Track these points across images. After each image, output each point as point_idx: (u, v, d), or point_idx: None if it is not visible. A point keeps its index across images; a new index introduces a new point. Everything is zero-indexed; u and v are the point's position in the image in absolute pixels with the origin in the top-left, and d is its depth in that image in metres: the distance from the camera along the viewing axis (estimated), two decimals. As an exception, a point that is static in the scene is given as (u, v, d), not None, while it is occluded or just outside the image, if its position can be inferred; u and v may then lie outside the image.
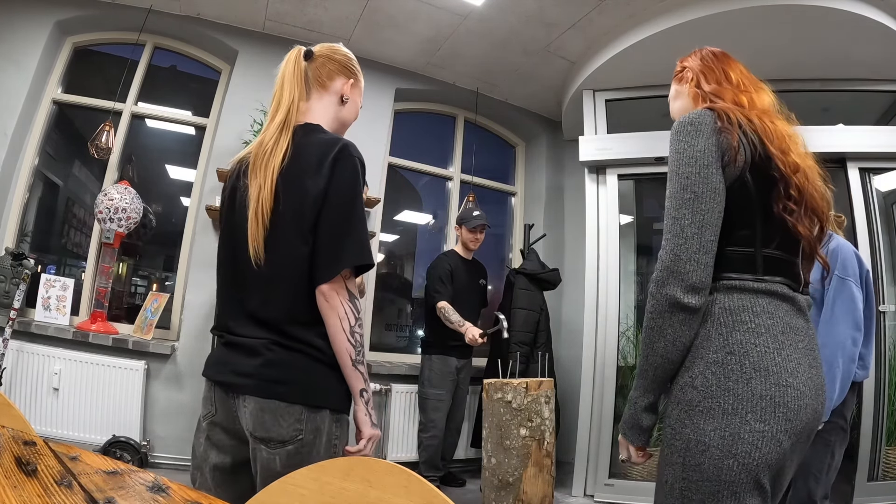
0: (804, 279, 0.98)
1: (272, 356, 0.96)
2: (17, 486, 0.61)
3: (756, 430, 0.84)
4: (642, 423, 0.96)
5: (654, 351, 0.92)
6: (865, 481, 2.71)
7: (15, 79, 3.03)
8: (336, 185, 0.99)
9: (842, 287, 1.83)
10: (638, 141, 3.32)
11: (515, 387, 2.43)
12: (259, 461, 0.97)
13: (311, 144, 1.02)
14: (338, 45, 1.19)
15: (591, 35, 3.30)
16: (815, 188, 0.95)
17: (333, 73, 1.14)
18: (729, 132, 0.91)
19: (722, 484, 0.84)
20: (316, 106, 1.12)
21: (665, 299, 0.90)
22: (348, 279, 1.00)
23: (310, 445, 0.96)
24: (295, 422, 0.95)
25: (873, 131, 3.07)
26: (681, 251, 0.89)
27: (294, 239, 0.98)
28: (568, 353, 3.79)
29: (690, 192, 0.90)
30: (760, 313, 0.89)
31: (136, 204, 2.98)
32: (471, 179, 4.20)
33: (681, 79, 1.14)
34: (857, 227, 2.93)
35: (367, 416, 1.02)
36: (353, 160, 1.02)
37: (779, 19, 2.74)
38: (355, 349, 0.99)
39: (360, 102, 1.20)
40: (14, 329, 2.63)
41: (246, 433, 0.98)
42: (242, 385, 0.97)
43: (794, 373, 0.87)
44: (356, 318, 0.99)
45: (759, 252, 0.92)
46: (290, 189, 0.99)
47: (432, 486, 0.50)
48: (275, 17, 3.36)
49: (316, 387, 0.98)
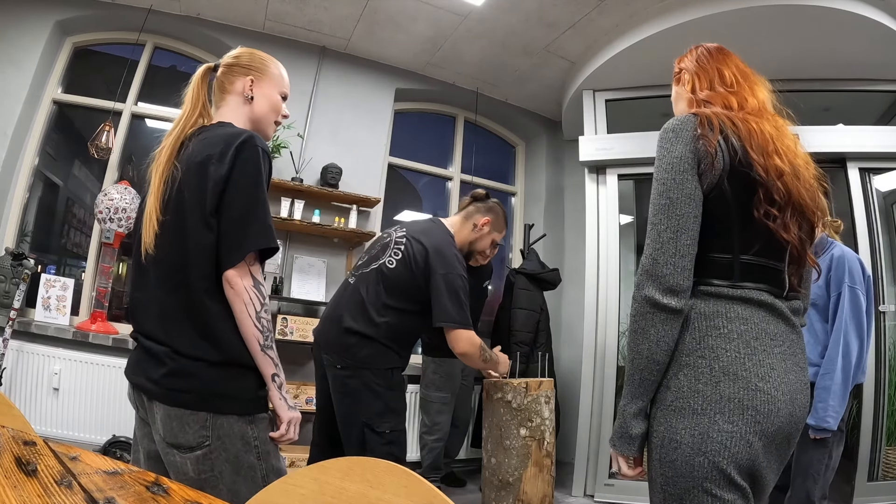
0: (790, 284, 0.97)
1: (175, 366, 0.98)
2: (17, 486, 0.61)
3: (724, 430, 0.86)
4: (632, 431, 0.95)
5: (640, 353, 0.93)
6: (865, 481, 2.71)
7: (15, 79, 3.03)
8: (238, 172, 1.00)
9: (853, 297, 1.84)
10: (638, 141, 3.32)
11: (515, 387, 2.43)
12: (171, 466, 1.00)
13: (216, 136, 1.04)
14: (242, 49, 1.21)
15: (591, 35, 3.30)
16: (806, 189, 0.95)
17: (233, 76, 1.16)
18: (707, 139, 0.91)
19: (694, 480, 0.87)
20: (223, 110, 1.16)
21: (645, 301, 0.92)
22: (252, 265, 1.01)
23: (219, 450, 0.98)
24: (200, 428, 0.97)
25: (873, 131, 3.07)
26: (658, 255, 0.91)
27: (195, 232, 0.99)
28: (568, 353, 3.80)
29: (666, 197, 0.92)
30: (734, 319, 0.91)
31: (137, 204, 2.98)
32: (471, 179, 4.20)
33: (678, 81, 1.14)
34: (857, 228, 2.93)
35: (281, 400, 1.05)
36: (256, 150, 1.02)
37: (779, 19, 2.74)
38: (263, 334, 1.01)
39: (274, 94, 1.18)
40: (14, 329, 2.64)
41: (158, 436, 1.00)
42: (153, 391, 1.00)
43: (766, 377, 0.88)
44: (261, 303, 1.01)
45: (737, 259, 0.93)
46: (189, 178, 1.01)
47: (432, 486, 0.50)
48: (275, 17, 3.36)
49: (220, 393, 1.00)
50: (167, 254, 1.02)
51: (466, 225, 1.93)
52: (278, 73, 1.21)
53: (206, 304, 0.99)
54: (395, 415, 1.71)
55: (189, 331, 0.99)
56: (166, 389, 0.98)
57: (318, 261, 3.43)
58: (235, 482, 0.99)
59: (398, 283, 1.74)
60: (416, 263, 1.74)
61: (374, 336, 1.69)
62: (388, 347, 1.71)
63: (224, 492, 0.98)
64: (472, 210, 1.96)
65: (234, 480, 0.99)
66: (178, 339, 0.99)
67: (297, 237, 3.42)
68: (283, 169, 3.36)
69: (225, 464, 0.99)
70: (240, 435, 1.00)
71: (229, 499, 0.97)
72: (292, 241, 3.42)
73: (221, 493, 0.98)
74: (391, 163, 4.01)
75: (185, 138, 1.09)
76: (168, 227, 1.02)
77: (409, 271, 1.74)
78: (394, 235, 1.87)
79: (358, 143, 3.66)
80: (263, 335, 1.01)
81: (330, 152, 3.53)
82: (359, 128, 3.68)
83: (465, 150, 4.33)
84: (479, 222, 1.92)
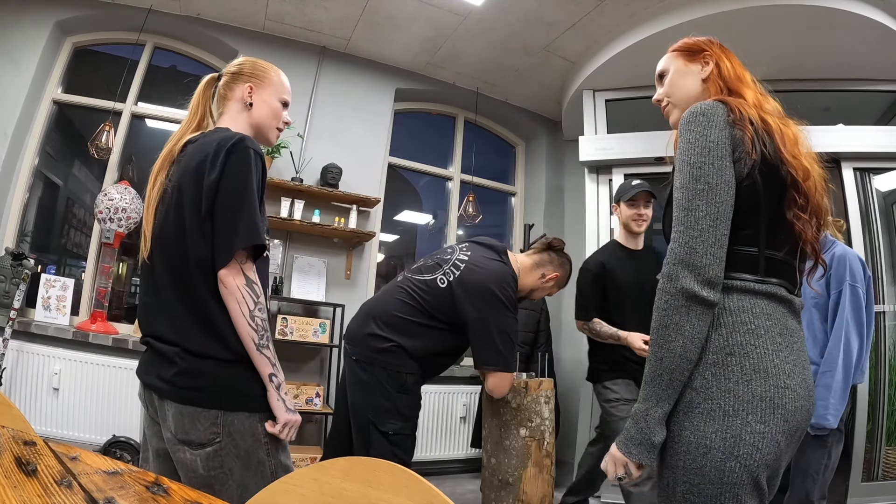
0: (800, 281, 0.97)
1: (185, 364, 1.00)
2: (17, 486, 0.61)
3: (757, 431, 0.83)
4: (654, 438, 0.86)
5: (671, 351, 0.85)
6: (860, 481, 2.71)
7: (15, 79, 3.03)
8: (227, 175, 1.01)
9: (854, 295, 1.84)
10: (638, 141, 3.32)
11: (515, 387, 2.43)
12: (181, 463, 1.01)
13: (210, 141, 1.06)
14: (245, 58, 1.25)
15: (591, 35, 3.30)
16: (820, 193, 0.95)
17: (234, 84, 1.19)
18: (742, 127, 0.89)
19: (724, 486, 0.83)
20: (224, 118, 1.18)
21: (681, 293, 0.85)
22: (244, 263, 1.02)
23: (229, 447, 1.00)
24: (211, 425, 0.99)
25: (873, 131, 3.07)
26: (696, 243, 0.85)
27: (193, 235, 1.01)
28: (568, 354, 3.80)
29: (704, 182, 0.87)
30: (759, 314, 0.88)
31: (136, 204, 2.98)
32: (471, 179, 4.20)
33: (693, 58, 1.08)
34: (851, 228, 2.93)
35: (279, 401, 1.04)
36: (246, 151, 1.03)
37: (779, 19, 2.74)
38: (257, 333, 1.01)
39: (273, 101, 1.21)
40: (14, 329, 2.64)
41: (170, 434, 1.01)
42: (164, 390, 1.02)
43: (791, 374, 0.87)
44: (255, 302, 1.01)
45: (763, 253, 0.91)
46: (185, 181, 1.03)
47: (432, 486, 0.50)
48: (275, 17, 3.36)
49: (231, 391, 1.01)
50: (169, 257, 1.04)
51: (535, 273, 1.90)
52: (279, 79, 1.22)
53: (212, 304, 1.01)
54: (403, 418, 1.69)
55: (198, 331, 1.01)
56: (178, 388, 1.00)
57: (318, 261, 3.43)
58: (245, 478, 1.00)
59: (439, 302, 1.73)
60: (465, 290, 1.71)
61: (396, 341, 1.70)
62: (407, 354, 1.71)
63: (233, 488, 0.99)
64: (545, 259, 1.92)
65: (243, 476, 1.00)
66: (188, 338, 1.01)
67: (296, 237, 3.42)
68: (283, 169, 3.36)
69: (235, 460, 1.00)
70: (250, 431, 1.01)
71: (238, 495, 0.98)
72: (292, 241, 3.42)
73: (230, 490, 0.99)
74: (391, 163, 4.01)
75: (183, 144, 1.11)
76: (167, 232, 1.04)
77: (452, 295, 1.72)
78: (456, 254, 1.84)
79: (358, 143, 3.66)
80: (258, 334, 1.01)
81: (330, 152, 3.53)
82: (359, 128, 3.68)
83: (465, 150, 4.33)
84: (549, 275, 1.90)
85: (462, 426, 3.53)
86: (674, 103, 1.11)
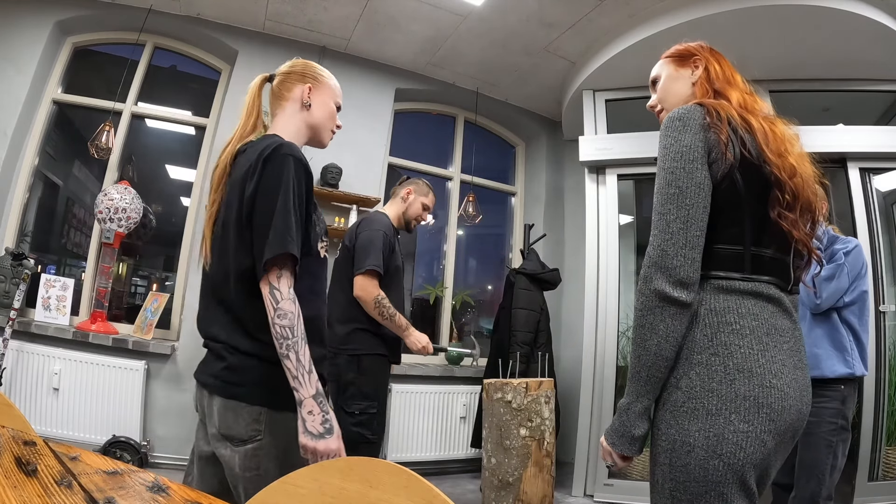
0: (795, 277, 0.97)
1: (233, 360, 1.02)
2: (17, 486, 0.61)
3: (740, 430, 0.84)
4: (635, 432, 0.91)
5: (647, 349, 0.89)
6: (866, 481, 2.71)
7: (15, 79, 3.03)
8: (263, 182, 1.02)
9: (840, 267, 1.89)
10: (638, 141, 3.32)
11: (515, 387, 2.43)
12: (222, 459, 1.02)
13: (254, 151, 1.07)
14: (297, 60, 1.26)
15: (591, 35, 3.30)
16: (811, 189, 0.95)
17: (290, 84, 1.20)
18: (717, 129, 0.90)
19: (708, 484, 0.84)
20: (280, 119, 1.19)
21: (654, 294, 0.89)
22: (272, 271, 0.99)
23: (269, 447, 1.00)
24: (253, 421, 1.00)
25: (873, 131, 3.07)
26: (667, 246, 0.88)
27: (238, 243, 1.03)
28: (568, 353, 3.79)
29: (675, 186, 0.90)
30: (745, 315, 0.89)
31: (136, 204, 2.98)
32: (471, 179, 4.20)
33: (684, 63, 1.11)
34: (857, 227, 2.93)
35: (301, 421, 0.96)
36: (285, 157, 1.03)
37: (779, 19, 2.74)
38: (277, 340, 0.98)
39: (330, 103, 1.23)
40: (14, 329, 2.64)
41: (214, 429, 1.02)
42: (212, 385, 1.04)
43: (778, 374, 0.87)
44: (273, 309, 0.98)
45: (748, 250, 0.91)
46: (233, 196, 1.06)
47: (432, 486, 0.50)
48: (275, 17, 3.36)
49: (275, 389, 1.01)
50: (223, 267, 1.07)
51: (395, 202, 2.31)
52: (334, 83, 1.25)
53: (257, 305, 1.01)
54: (365, 398, 1.94)
55: (246, 332, 1.03)
56: (223, 382, 1.02)
57: (318, 261, 3.42)
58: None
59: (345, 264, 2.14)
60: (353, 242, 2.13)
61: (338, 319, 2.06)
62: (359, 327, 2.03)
63: None
64: (396, 191, 2.33)
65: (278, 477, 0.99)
66: (237, 337, 1.03)
67: (297, 237, 3.42)
68: (283, 169, 3.36)
69: (273, 461, 1.00)
70: (293, 432, 1.00)
71: None
72: (292, 241, 3.41)
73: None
74: (391, 163, 4.01)
75: (235, 153, 1.13)
76: (222, 245, 1.08)
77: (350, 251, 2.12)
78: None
79: (358, 143, 3.66)
80: (278, 342, 0.98)
81: (330, 152, 3.52)
82: (359, 128, 3.68)
83: (465, 150, 4.33)
84: (404, 193, 2.29)
85: (462, 426, 3.53)
86: (666, 108, 1.13)
